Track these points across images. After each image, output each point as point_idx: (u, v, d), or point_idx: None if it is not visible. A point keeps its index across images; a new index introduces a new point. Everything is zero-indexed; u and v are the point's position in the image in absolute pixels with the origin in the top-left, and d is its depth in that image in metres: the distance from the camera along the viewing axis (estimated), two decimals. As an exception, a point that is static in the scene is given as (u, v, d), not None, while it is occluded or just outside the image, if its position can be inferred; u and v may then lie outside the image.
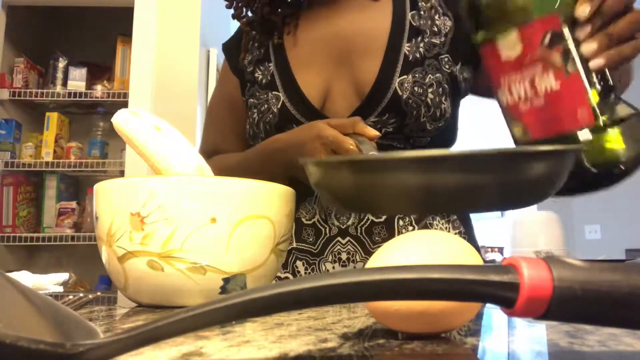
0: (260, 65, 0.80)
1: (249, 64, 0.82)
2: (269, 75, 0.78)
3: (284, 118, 0.73)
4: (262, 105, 0.76)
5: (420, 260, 0.27)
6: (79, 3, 2.29)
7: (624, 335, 0.27)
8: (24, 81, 2.24)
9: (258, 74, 0.79)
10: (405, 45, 0.73)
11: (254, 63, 0.81)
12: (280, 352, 0.25)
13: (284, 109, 0.73)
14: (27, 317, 0.22)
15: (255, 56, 0.81)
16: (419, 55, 0.72)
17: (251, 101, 0.78)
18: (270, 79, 0.77)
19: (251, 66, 0.81)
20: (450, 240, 0.30)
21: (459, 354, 0.24)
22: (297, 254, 0.73)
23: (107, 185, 0.44)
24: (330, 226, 0.71)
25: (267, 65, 0.79)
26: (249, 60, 0.82)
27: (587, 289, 0.21)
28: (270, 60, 0.79)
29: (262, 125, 0.75)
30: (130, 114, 0.48)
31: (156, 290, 0.42)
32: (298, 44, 0.79)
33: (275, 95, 0.75)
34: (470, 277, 0.21)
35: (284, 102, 0.73)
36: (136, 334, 0.20)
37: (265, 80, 0.78)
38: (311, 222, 0.73)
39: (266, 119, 0.74)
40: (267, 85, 0.77)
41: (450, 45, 0.75)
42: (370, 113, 0.70)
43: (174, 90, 2.13)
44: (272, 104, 0.74)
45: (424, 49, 0.73)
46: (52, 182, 2.28)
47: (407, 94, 0.70)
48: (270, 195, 0.45)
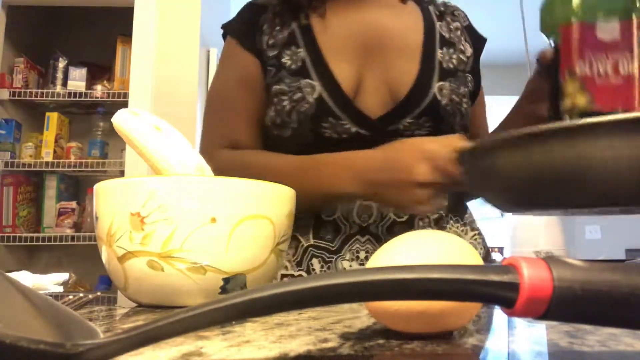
0: (286, 49, 0.74)
1: (271, 47, 0.75)
2: (298, 61, 0.72)
3: (321, 109, 0.69)
4: (294, 93, 0.70)
5: (420, 260, 0.27)
6: (79, 3, 2.29)
7: (624, 335, 0.27)
8: (24, 81, 2.24)
9: (285, 58, 0.73)
10: (438, 52, 0.74)
11: (279, 47, 0.74)
12: (280, 352, 0.25)
13: (320, 99, 0.69)
14: (27, 317, 0.22)
15: (280, 39, 0.75)
16: (452, 66, 0.74)
17: (277, 87, 0.72)
18: (300, 65, 0.72)
19: (274, 50, 0.74)
20: (451, 240, 0.30)
21: (459, 354, 0.24)
22: (313, 250, 0.71)
23: (107, 185, 0.44)
24: (350, 224, 0.70)
25: (294, 50, 0.73)
26: (270, 44, 0.75)
27: (587, 289, 0.21)
28: (297, 44, 0.74)
29: (295, 114, 0.70)
30: (130, 114, 0.48)
31: (156, 290, 0.42)
32: (328, 29, 0.74)
33: (309, 84, 0.70)
34: (470, 277, 0.21)
35: (320, 92, 0.69)
36: (136, 334, 0.20)
37: (294, 66, 0.72)
38: (331, 218, 0.71)
39: (301, 108, 0.70)
40: (297, 71, 0.72)
41: (470, 69, 0.78)
42: (406, 114, 0.70)
43: (174, 90, 2.13)
44: (307, 93, 0.70)
45: (456, 61, 0.75)
46: (52, 182, 2.28)
47: (446, 100, 0.71)
48: (270, 195, 0.45)
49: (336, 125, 0.69)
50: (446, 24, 0.79)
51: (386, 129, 0.70)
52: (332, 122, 0.69)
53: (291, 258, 0.72)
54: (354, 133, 0.69)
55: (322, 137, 0.69)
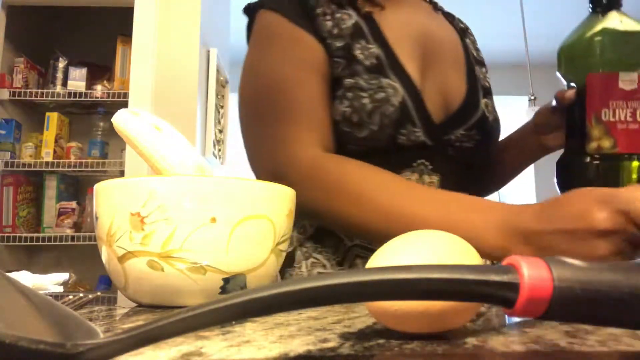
0: (355, 42, 0.66)
1: (336, 37, 0.66)
2: (373, 57, 0.65)
3: (403, 114, 0.64)
4: (375, 91, 0.63)
5: (420, 260, 0.27)
6: (79, 3, 2.30)
7: (624, 335, 0.27)
8: (24, 81, 2.24)
9: (357, 52, 0.65)
10: (475, 68, 0.76)
11: (347, 37, 0.65)
12: (280, 352, 0.25)
13: (404, 103, 0.64)
14: (27, 317, 0.22)
15: (345, 30, 0.66)
16: (487, 84, 0.76)
17: (351, 81, 0.64)
18: (376, 63, 0.65)
19: (341, 40, 0.65)
20: (450, 240, 0.30)
21: (459, 354, 0.24)
22: (357, 250, 0.67)
23: (107, 185, 0.44)
24: None
25: (365, 45, 0.66)
26: (335, 33, 0.66)
27: (587, 289, 0.21)
28: (364, 36, 0.66)
29: (378, 116, 0.63)
30: (130, 114, 0.48)
31: (156, 290, 0.42)
32: (391, 25, 0.68)
33: (391, 85, 0.64)
34: (470, 277, 0.21)
35: (403, 96, 0.64)
36: (136, 334, 0.20)
37: (369, 62, 0.65)
38: None
39: (386, 111, 0.63)
40: (373, 68, 0.65)
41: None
42: (458, 126, 0.70)
43: (174, 90, 2.13)
44: (391, 95, 0.63)
45: (488, 82, 0.77)
46: (52, 182, 2.29)
47: (492, 117, 0.73)
48: (270, 195, 0.45)
49: (410, 133, 0.65)
50: (470, 42, 0.80)
51: (442, 138, 0.68)
52: (409, 129, 0.65)
53: (331, 257, 0.69)
54: (421, 142, 0.66)
55: (395, 142, 0.65)
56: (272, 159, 0.61)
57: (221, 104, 2.60)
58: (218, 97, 2.49)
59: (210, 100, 2.34)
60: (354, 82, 0.64)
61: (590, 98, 0.59)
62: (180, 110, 2.10)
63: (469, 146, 0.71)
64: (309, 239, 0.71)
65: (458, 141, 0.70)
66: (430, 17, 0.76)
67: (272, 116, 0.62)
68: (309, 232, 0.71)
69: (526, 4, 3.13)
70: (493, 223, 0.48)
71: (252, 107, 0.66)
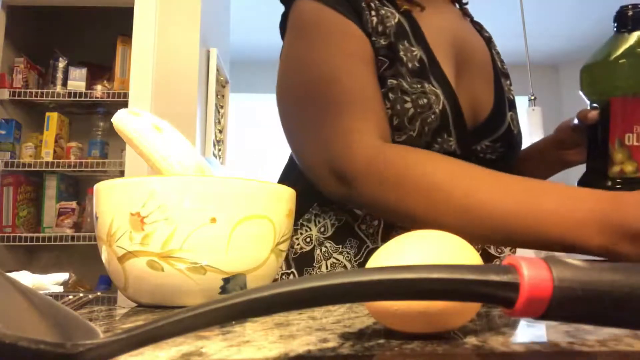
0: (400, 43, 0.63)
1: (381, 34, 0.63)
2: (415, 60, 0.63)
3: (442, 123, 0.62)
4: (419, 97, 0.61)
5: (420, 260, 0.27)
6: (79, 3, 2.30)
7: (624, 335, 0.27)
8: (24, 81, 2.24)
9: (402, 52, 0.62)
10: (501, 79, 0.74)
11: (391, 36, 0.63)
12: (280, 352, 0.25)
13: (445, 112, 0.62)
14: (27, 317, 0.22)
15: (389, 27, 0.63)
16: (512, 97, 0.75)
17: (395, 82, 0.61)
18: (419, 67, 0.63)
19: (385, 38, 0.62)
20: (450, 240, 0.30)
21: (459, 354, 0.24)
22: None
23: (107, 185, 0.44)
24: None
25: (407, 46, 0.63)
26: (380, 30, 0.63)
27: (587, 289, 0.21)
28: (407, 37, 0.64)
29: (419, 124, 0.61)
30: (130, 114, 0.48)
31: (156, 290, 0.42)
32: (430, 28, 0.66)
33: (433, 92, 0.62)
34: (470, 277, 0.21)
35: (444, 103, 0.63)
36: (136, 334, 0.20)
37: (411, 65, 0.62)
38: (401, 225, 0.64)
39: (427, 118, 0.61)
40: (416, 72, 0.62)
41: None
42: (485, 137, 0.69)
43: (174, 90, 2.13)
44: (433, 102, 0.61)
45: (513, 93, 0.76)
46: (52, 182, 2.29)
47: (517, 130, 0.73)
48: (270, 195, 0.45)
49: (444, 142, 0.64)
50: (496, 53, 0.78)
51: (470, 148, 0.68)
52: (444, 138, 0.63)
53: (352, 258, 0.68)
54: (451, 152, 0.64)
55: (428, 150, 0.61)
56: (328, 150, 0.57)
57: (221, 104, 2.60)
58: (218, 97, 2.49)
59: (210, 100, 2.34)
60: (398, 83, 0.61)
61: (614, 121, 0.58)
62: (180, 110, 2.10)
63: (492, 158, 0.70)
64: (329, 238, 0.69)
65: (482, 152, 0.69)
66: (462, 23, 0.75)
67: (325, 107, 0.58)
68: (330, 232, 0.69)
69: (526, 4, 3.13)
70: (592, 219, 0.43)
71: (301, 98, 0.61)
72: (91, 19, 2.41)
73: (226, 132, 2.66)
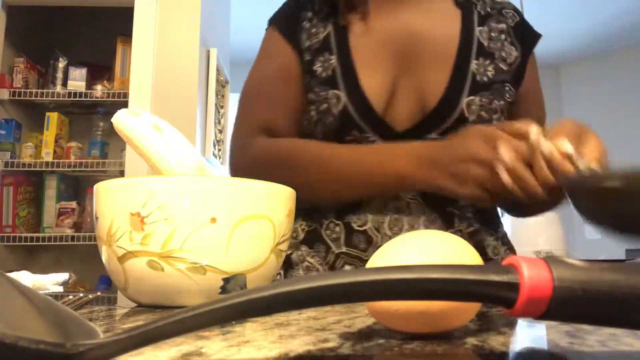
0: (319, 56, 0.71)
1: (307, 50, 0.72)
2: (330, 69, 0.69)
3: (345, 122, 0.68)
4: (321, 104, 0.69)
5: (420, 260, 0.27)
6: (79, 3, 2.30)
7: (624, 335, 0.27)
8: (24, 81, 2.24)
9: (317, 66, 0.71)
10: (473, 63, 0.70)
11: (312, 52, 0.72)
12: (280, 352, 0.25)
13: (345, 112, 0.67)
14: (27, 317, 0.22)
15: (314, 44, 0.72)
16: (486, 79, 0.70)
17: (309, 96, 0.71)
18: (331, 75, 0.69)
19: (308, 54, 0.72)
20: (450, 240, 0.30)
21: (459, 354, 0.24)
22: (346, 258, 0.69)
23: (107, 185, 0.44)
24: (382, 235, 0.68)
25: (327, 57, 0.70)
26: (306, 46, 0.72)
27: (587, 289, 0.21)
28: (331, 50, 0.71)
29: (320, 127, 0.69)
30: (130, 114, 0.48)
31: (156, 290, 0.42)
32: (364, 35, 0.71)
33: (335, 95, 0.68)
34: (470, 277, 0.21)
35: (345, 103, 0.67)
36: (136, 334, 0.20)
37: (325, 74, 0.70)
38: (362, 229, 0.68)
39: (326, 121, 0.68)
40: (327, 81, 0.69)
41: (512, 76, 0.73)
42: (432, 128, 0.68)
43: (174, 90, 2.13)
44: (332, 105, 0.68)
45: (492, 72, 0.71)
46: (52, 182, 2.28)
47: (474, 117, 0.68)
48: (270, 195, 0.45)
49: (361, 138, 0.68)
50: (488, 30, 0.74)
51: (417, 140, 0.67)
52: (356, 135, 0.68)
53: (322, 261, 0.70)
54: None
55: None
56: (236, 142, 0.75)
57: (221, 104, 2.60)
58: (218, 97, 2.49)
59: (210, 100, 2.34)
60: (309, 96, 0.71)
61: None
62: (180, 110, 2.10)
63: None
64: (301, 242, 0.73)
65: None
66: (421, 14, 0.73)
67: (241, 110, 0.76)
68: (301, 237, 0.73)
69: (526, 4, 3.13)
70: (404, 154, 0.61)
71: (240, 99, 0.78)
72: (91, 19, 2.41)
73: (226, 132, 2.66)
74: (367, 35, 0.71)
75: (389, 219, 0.68)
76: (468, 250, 0.29)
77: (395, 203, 0.68)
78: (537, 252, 2.16)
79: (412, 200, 0.68)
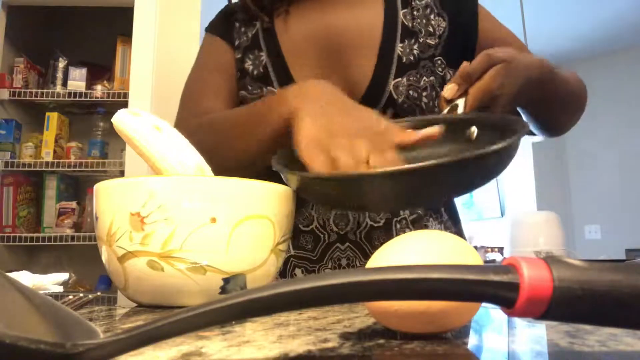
0: (249, 54, 0.75)
1: (237, 48, 0.76)
2: (260, 66, 0.73)
3: None
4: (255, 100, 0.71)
5: (419, 261, 0.27)
6: (79, 3, 2.29)
7: (624, 335, 0.27)
8: (24, 81, 2.24)
9: (248, 63, 0.74)
10: (398, 46, 0.71)
11: (242, 50, 0.76)
12: (280, 352, 0.25)
13: None
14: (27, 317, 0.22)
15: (243, 42, 0.76)
16: (412, 58, 0.71)
17: (242, 93, 0.74)
18: (262, 71, 0.73)
19: (239, 53, 0.76)
20: (450, 240, 0.30)
21: (459, 354, 0.24)
22: (295, 261, 0.71)
23: (107, 185, 0.44)
24: (328, 232, 0.69)
25: (257, 54, 0.74)
26: (236, 45, 0.77)
27: (587, 289, 0.21)
28: (260, 48, 0.74)
29: None
30: (130, 114, 0.48)
31: (156, 290, 0.42)
32: (290, 33, 0.74)
33: (270, 91, 0.71)
34: (470, 277, 0.21)
35: None
36: (136, 334, 0.20)
37: (257, 71, 0.73)
38: (309, 228, 0.70)
39: None
40: (259, 77, 0.73)
41: (443, 47, 0.74)
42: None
43: (174, 91, 2.12)
44: None
45: (418, 51, 0.72)
46: (52, 182, 2.28)
47: (403, 97, 0.69)
48: (270, 195, 0.45)
49: None
50: (410, 10, 0.74)
51: None
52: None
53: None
54: None
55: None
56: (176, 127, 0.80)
57: (221, 104, 2.60)
58: (218, 97, 2.49)
59: (210, 100, 2.33)
60: (244, 94, 0.74)
61: None
62: (180, 110, 2.09)
63: None
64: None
65: None
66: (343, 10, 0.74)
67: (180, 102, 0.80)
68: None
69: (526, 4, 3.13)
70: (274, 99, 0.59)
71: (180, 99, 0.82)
72: (91, 19, 2.41)
73: (226, 132, 2.66)
74: (293, 34, 0.74)
75: (334, 215, 0.69)
76: (468, 250, 0.29)
77: None
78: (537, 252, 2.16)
79: None
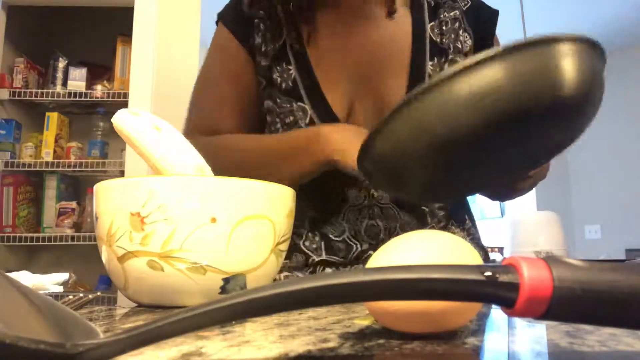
0: (277, 65, 0.72)
1: (264, 55, 0.73)
2: (290, 80, 0.71)
3: None
4: (286, 115, 0.71)
5: (420, 260, 0.27)
6: (79, 3, 2.29)
7: (624, 335, 0.27)
8: (24, 81, 2.24)
9: (276, 75, 0.72)
10: (428, 65, 0.71)
11: (270, 58, 0.72)
12: (280, 352, 0.25)
13: (312, 125, 0.69)
14: (27, 317, 0.22)
15: (271, 50, 0.73)
16: None
17: (269, 104, 0.73)
18: (292, 86, 0.71)
19: (266, 60, 0.73)
20: (450, 240, 0.30)
21: (459, 354, 0.24)
22: (326, 265, 0.70)
23: (107, 185, 0.44)
24: (360, 242, 0.69)
25: (285, 67, 0.72)
26: (263, 51, 0.73)
27: (587, 289, 0.21)
28: (288, 61, 0.72)
29: None
30: (130, 114, 0.48)
31: (156, 290, 0.42)
32: (320, 50, 0.72)
33: (301, 108, 0.70)
34: (470, 277, 0.21)
35: (312, 117, 0.69)
36: (136, 334, 0.20)
37: (285, 85, 0.71)
38: (340, 238, 0.70)
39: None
40: (289, 92, 0.71)
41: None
42: None
43: (174, 90, 2.13)
44: (299, 118, 0.70)
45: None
46: (52, 182, 2.28)
47: None
48: (270, 195, 0.45)
49: None
50: (439, 23, 0.73)
51: None
52: None
53: (303, 268, 0.71)
54: None
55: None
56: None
57: (221, 104, 2.60)
58: (218, 97, 2.49)
59: (210, 100, 2.33)
60: (271, 105, 0.72)
61: None
62: (180, 111, 2.09)
63: None
64: None
65: None
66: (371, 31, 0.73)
67: (190, 108, 0.79)
68: None
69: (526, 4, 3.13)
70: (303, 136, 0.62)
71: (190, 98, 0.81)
72: (91, 19, 2.41)
73: (226, 132, 2.66)
74: (324, 51, 0.72)
75: (365, 225, 0.70)
76: (468, 250, 0.29)
77: (369, 210, 0.70)
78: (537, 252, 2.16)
79: (385, 206, 0.70)
